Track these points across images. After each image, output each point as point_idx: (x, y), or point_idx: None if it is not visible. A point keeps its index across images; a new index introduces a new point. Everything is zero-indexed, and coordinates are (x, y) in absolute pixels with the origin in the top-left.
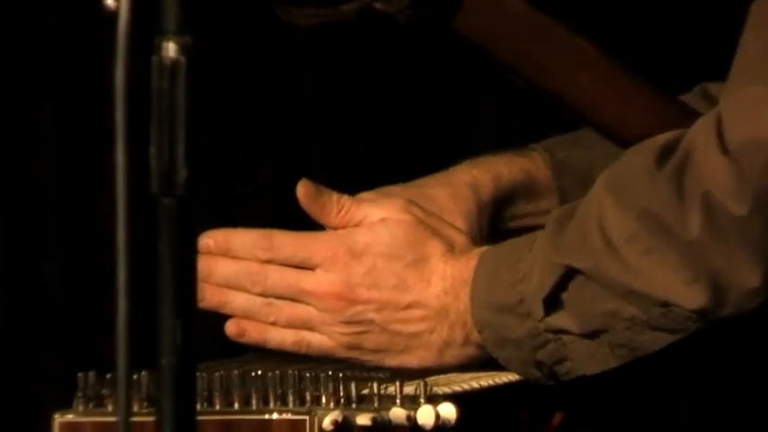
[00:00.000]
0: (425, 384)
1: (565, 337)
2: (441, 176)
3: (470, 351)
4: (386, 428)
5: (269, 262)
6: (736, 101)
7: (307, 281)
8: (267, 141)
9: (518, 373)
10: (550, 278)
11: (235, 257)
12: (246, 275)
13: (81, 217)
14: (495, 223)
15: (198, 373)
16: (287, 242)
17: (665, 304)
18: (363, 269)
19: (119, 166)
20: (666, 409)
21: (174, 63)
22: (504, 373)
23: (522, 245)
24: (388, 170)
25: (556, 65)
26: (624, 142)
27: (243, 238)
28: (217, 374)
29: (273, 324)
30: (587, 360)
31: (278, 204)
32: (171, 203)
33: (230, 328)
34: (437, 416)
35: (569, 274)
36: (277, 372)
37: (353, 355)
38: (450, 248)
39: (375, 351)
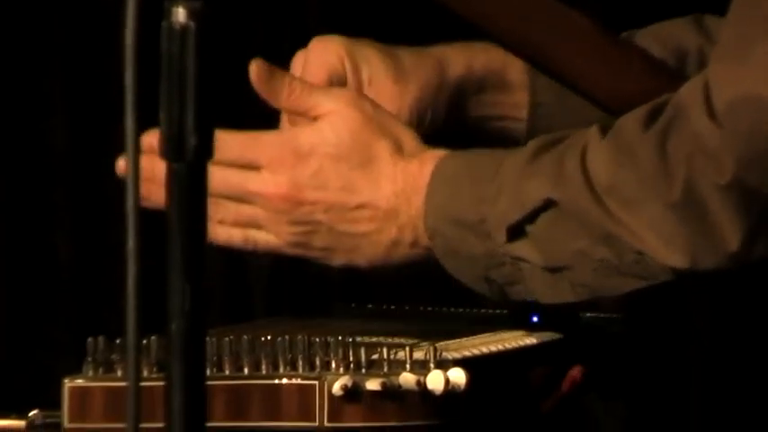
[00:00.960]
0: (435, 349)
1: (523, 265)
2: (414, 48)
3: (419, 252)
4: (395, 393)
5: (215, 163)
6: (725, 65)
7: (253, 182)
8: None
9: (465, 283)
10: (519, 207)
11: None
12: None
13: (90, 187)
14: (460, 106)
15: (207, 339)
16: (232, 143)
17: (640, 252)
18: (310, 171)
19: (128, 132)
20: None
21: (184, 28)
22: (515, 338)
23: (487, 161)
24: None
25: (538, 33)
26: (612, 111)
27: None
28: (226, 339)
29: (221, 223)
30: (544, 290)
31: None
32: (180, 169)
33: None
34: (447, 381)
35: (543, 207)
36: (287, 337)
37: (300, 251)
38: (399, 148)
39: (322, 249)
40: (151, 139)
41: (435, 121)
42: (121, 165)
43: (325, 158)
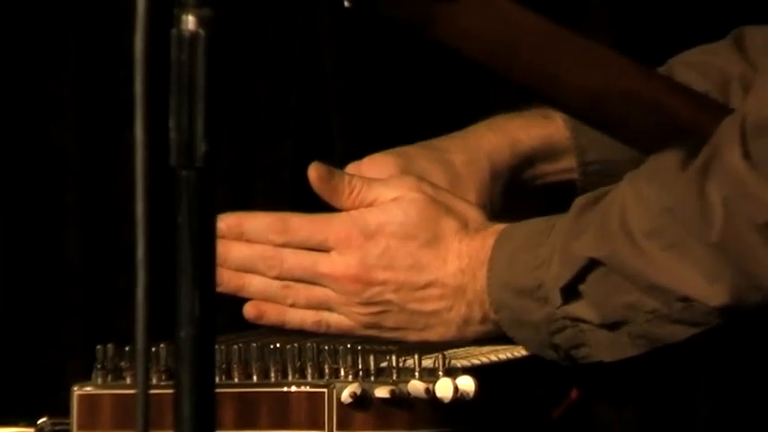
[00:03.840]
0: (444, 357)
1: (583, 326)
2: (457, 140)
3: (489, 328)
4: (404, 401)
5: (284, 245)
6: (763, 103)
7: (323, 264)
8: (287, 113)
9: (535, 353)
10: (569, 268)
11: (249, 241)
12: (262, 259)
13: (101, 188)
14: (514, 186)
15: (216, 346)
16: (301, 225)
17: (687, 299)
18: (378, 250)
19: (138, 139)
20: (685, 382)
21: (194, 36)
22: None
23: (541, 228)
24: (410, 142)
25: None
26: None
27: (256, 222)
28: (235, 347)
29: (292, 306)
30: (606, 348)
31: (298, 176)
32: (190, 175)
33: (249, 310)
34: (456, 389)
35: (590, 266)
36: (296, 344)
37: (373, 333)
38: (464, 225)
39: (395, 329)
40: (221, 224)
41: (494, 211)
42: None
43: (392, 238)
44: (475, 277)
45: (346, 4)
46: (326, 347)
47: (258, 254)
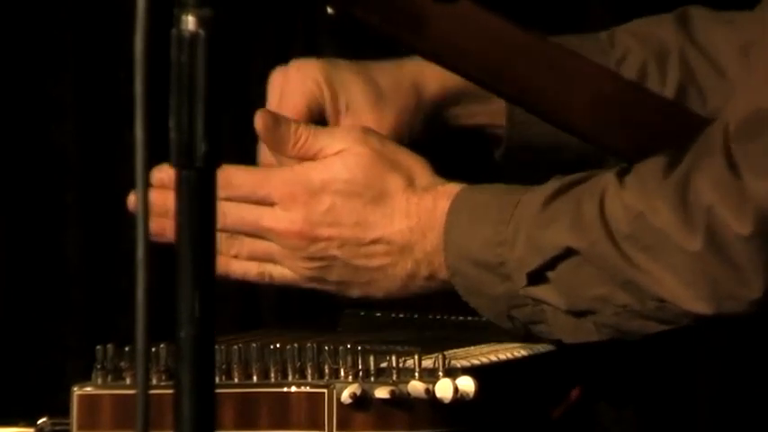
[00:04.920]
0: (444, 358)
1: (545, 307)
2: (391, 65)
3: (435, 284)
4: (404, 401)
5: (227, 199)
6: (746, 116)
7: (266, 218)
8: None
9: (489, 319)
10: (539, 255)
11: None
12: None
13: (101, 188)
14: (438, 122)
15: (216, 346)
16: (244, 179)
17: (662, 300)
18: (323, 207)
19: (138, 139)
20: (684, 382)
21: (194, 36)
22: (524, 347)
23: (503, 201)
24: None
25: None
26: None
27: None
28: (235, 347)
29: (236, 257)
30: (567, 331)
31: None
32: (190, 176)
33: None
34: (456, 389)
35: (564, 255)
36: (296, 345)
37: (316, 285)
38: (411, 182)
39: (338, 283)
40: (161, 174)
41: (414, 140)
42: (132, 200)
43: (337, 195)
44: (425, 236)
45: (329, 11)
46: (326, 348)
47: None
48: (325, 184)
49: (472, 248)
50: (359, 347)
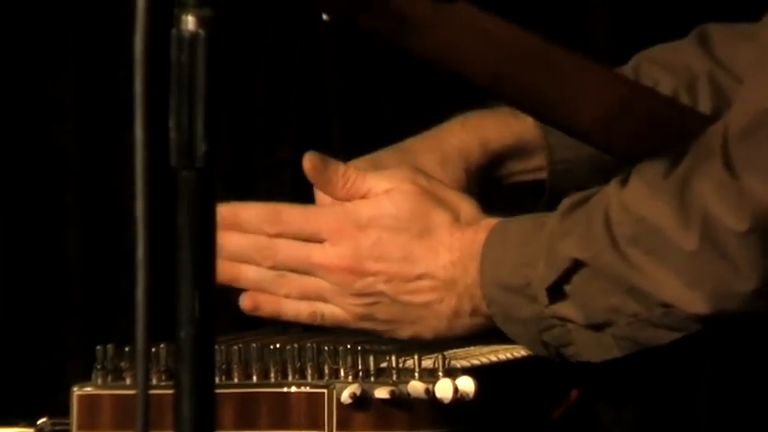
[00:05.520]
0: (444, 358)
1: (570, 325)
2: (430, 140)
3: (480, 321)
4: (404, 402)
5: (278, 236)
6: (745, 117)
7: (316, 254)
8: (287, 114)
9: (527, 349)
10: (555, 269)
11: (243, 231)
12: (256, 250)
13: (101, 188)
14: (486, 184)
15: (216, 346)
16: (294, 216)
17: (667, 305)
18: (370, 241)
19: (138, 139)
20: (684, 382)
21: (194, 36)
22: (523, 347)
23: (531, 226)
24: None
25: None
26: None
27: (250, 212)
28: (235, 347)
29: (286, 296)
30: (591, 348)
31: (298, 177)
32: (190, 176)
33: (245, 301)
34: (455, 389)
35: (574, 267)
36: (296, 345)
37: (367, 325)
38: (456, 218)
39: (387, 321)
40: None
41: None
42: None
43: (384, 230)
44: (466, 270)
45: (324, 17)
46: (326, 348)
47: (252, 244)
48: (373, 219)
49: (502, 274)
50: (359, 347)
